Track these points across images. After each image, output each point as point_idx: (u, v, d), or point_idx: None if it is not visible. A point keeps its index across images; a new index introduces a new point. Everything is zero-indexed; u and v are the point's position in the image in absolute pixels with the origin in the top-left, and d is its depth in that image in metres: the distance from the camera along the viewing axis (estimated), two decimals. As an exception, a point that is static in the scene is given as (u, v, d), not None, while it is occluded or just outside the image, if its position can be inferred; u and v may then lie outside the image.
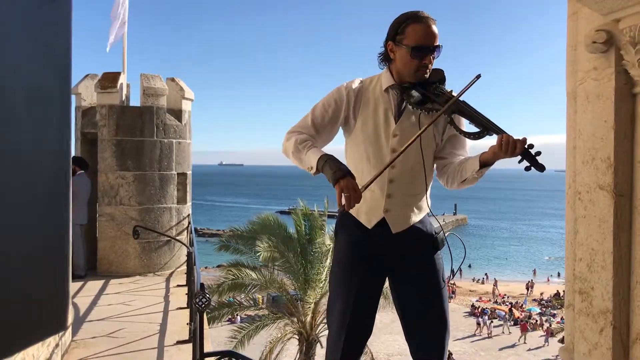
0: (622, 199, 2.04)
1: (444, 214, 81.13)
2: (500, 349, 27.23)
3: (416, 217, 2.43)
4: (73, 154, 7.90)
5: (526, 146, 2.02)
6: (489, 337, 28.67)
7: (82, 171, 7.87)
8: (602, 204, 2.08)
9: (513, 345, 27.84)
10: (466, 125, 2.34)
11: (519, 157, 2.04)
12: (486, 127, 2.14)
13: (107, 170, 7.94)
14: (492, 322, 29.86)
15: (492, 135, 2.13)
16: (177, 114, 8.44)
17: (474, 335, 28.88)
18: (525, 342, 27.76)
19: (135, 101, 8.27)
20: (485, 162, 2.18)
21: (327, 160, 2.15)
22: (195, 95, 8.97)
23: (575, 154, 2.24)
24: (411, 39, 2.24)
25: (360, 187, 2.08)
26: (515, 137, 2.05)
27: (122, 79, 8.14)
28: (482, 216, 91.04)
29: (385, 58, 2.37)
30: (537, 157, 2.04)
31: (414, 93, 2.28)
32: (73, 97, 8.25)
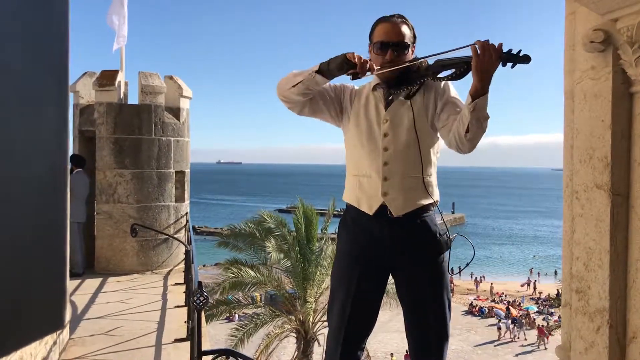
0: (619, 198, 2.04)
1: (441, 212, 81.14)
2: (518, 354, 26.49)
3: (419, 200, 2.39)
4: (71, 152, 7.89)
5: (504, 51, 1.99)
6: (512, 341, 27.72)
7: (80, 169, 7.86)
8: (599, 203, 2.09)
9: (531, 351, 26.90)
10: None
11: (501, 63, 2.00)
12: (465, 61, 2.10)
13: (105, 168, 7.93)
14: (514, 326, 28.66)
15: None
16: (176, 112, 8.43)
17: (497, 340, 27.88)
18: (545, 348, 27.04)
19: (134, 99, 8.27)
20: (475, 91, 2.06)
21: (331, 58, 2.22)
22: (194, 93, 8.97)
23: (572, 153, 2.24)
24: (376, 37, 2.38)
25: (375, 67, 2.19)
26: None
27: (120, 77, 8.13)
28: (480, 215, 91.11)
29: None
30: (519, 54, 2.00)
31: (400, 87, 2.35)
32: (71, 95, 8.24)
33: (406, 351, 24.34)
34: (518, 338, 28.06)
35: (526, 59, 2.00)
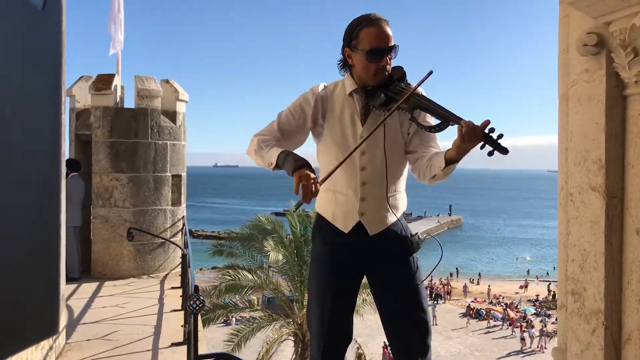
0: (614, 201, 2.05)
1: (439, 215, 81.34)
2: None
3: (392, 217, 2.42)
4: (66, 156, 7.87)
5: (487, 130, 1.97)
6: (540, 351, 27.05)
7: (75, 173, 7.84)
8: (593, 206, 2.09)
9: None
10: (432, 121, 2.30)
11: (481, 144, 1.99)
12: (446, 118, 2.09)
13: (101, 172, 7.92)
14: (540, 337, 27.84)
15: (454, 125, 2.06)
16: (172, 115, 8.43)
17: (521, 351, 27.38)
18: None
19: (130, 103, 8.27)
20: (451, 158, 2.11)
21: (288, 155, 2.16)
22: (190, 96, 8.96)
23: (567, 155, 2.25)
24: (366, 43, 2.24)
25: (319, 181, 2.08)
26: (474, 123, 2.00)
27: (117, 81, 8.13)
28: (476, 217, 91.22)
29: (345, 64, 2.37)
30: (500, 140, 1.98)
31: (377, 95, 2.27)
32: (67, 99, 8.23)
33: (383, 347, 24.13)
34: (545, 349, 27.18)
35: (504, 151, 1.98)
